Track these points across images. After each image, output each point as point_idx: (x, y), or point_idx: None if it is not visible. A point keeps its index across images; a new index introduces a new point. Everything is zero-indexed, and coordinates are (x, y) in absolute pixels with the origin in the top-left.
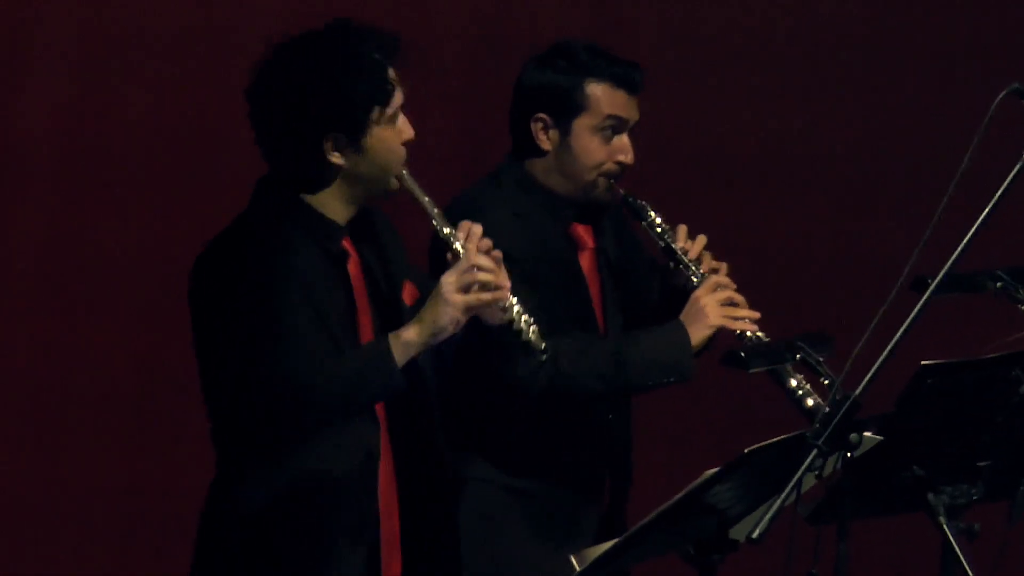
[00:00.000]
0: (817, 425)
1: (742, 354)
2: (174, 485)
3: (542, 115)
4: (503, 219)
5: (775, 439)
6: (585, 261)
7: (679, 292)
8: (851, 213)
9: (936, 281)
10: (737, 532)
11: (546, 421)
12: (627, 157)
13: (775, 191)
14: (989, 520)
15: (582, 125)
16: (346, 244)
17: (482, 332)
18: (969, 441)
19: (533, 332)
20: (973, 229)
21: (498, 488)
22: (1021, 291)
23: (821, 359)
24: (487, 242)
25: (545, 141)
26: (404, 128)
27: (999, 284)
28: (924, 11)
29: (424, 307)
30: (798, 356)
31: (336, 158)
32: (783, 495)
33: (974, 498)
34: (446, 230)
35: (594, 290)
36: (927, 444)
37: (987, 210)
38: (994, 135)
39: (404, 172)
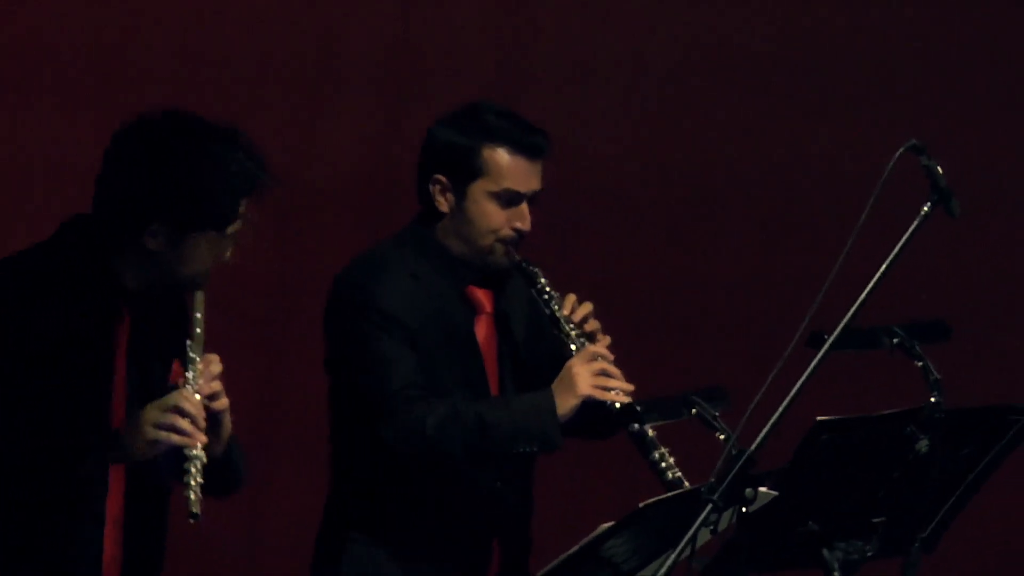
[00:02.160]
0: (712, 480)
1: (637, 408)
2: None
3: (440, 176)
4: (399, 281)
5: (670, 493)
6: (481, 326)
7: None
8: (749, 268)
9: (833, 337)
10: None
11: (426, 486)
12: (524, 224)
13: (680, 241)
14: None
15: (479, 190)
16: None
17: (352, 397)
18: (864, 497)
19: (195, 494)
20: (871, 284)
21: (382, 553)
22: (918, 347)
23: (717, 414)
24: (216, 384)
25: (443, 203)
26: (227, 252)
27: (896, 340)
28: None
29: (124, 429)
30: (694, 411)
31: (151, 242)
32: (678, 549)
33: (868, 554)
34: (191, 357)
35: (489, 355)
36: (822, 500)
37: (885, 265)
38: (894, 190)
39: (200, 293)
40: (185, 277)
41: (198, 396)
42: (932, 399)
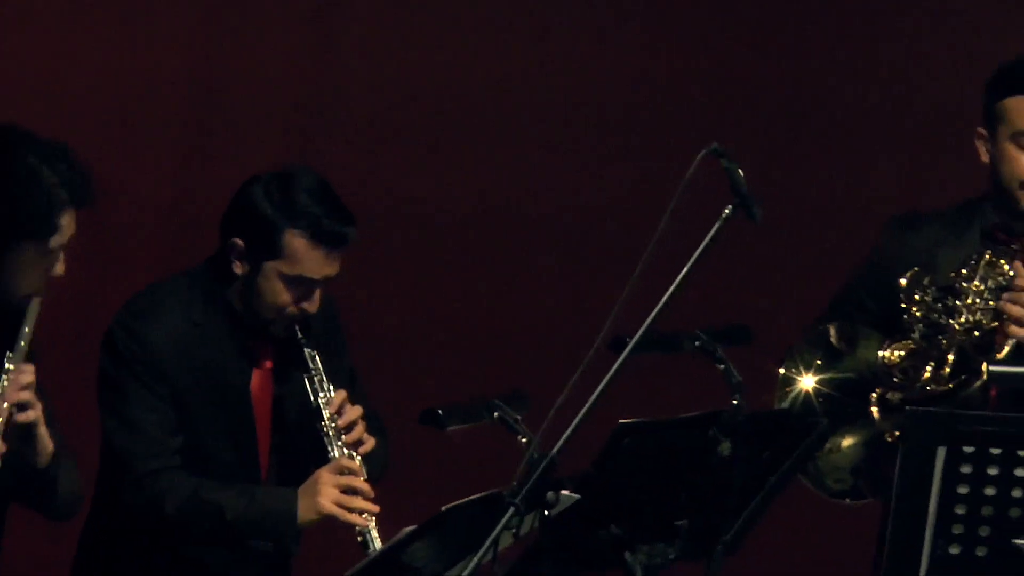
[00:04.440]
0: (514, 484)
1: (439, 412)
2: None
3: (239, 241)
4: (176, 325)
5: (472, 497)
6: (257, 379)
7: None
8: (551, 271)
9: (634, 341)
10: None
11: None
12: (311, 307)
13: (478, 249)
14: None
15: (273, 268)
16: None
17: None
18: (667, 500)
19: None
20: (672, 288)
21: None
22: (719, 350)
23: (519, 417)
24: (25, 394)
25: (237, 266)
26: (55, 265)
27: (697, 343)
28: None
29: None
30: (495, 415)
31: None
32: (480, 553)
33: (671, 557)
34: (7, 367)
35: (261, 410)
36: (624, 503)
37: (686, 269)
38: (697, 195)
39: (34, 304)
40: (13, 289)
41: (4, 404)
42: (734, 402)
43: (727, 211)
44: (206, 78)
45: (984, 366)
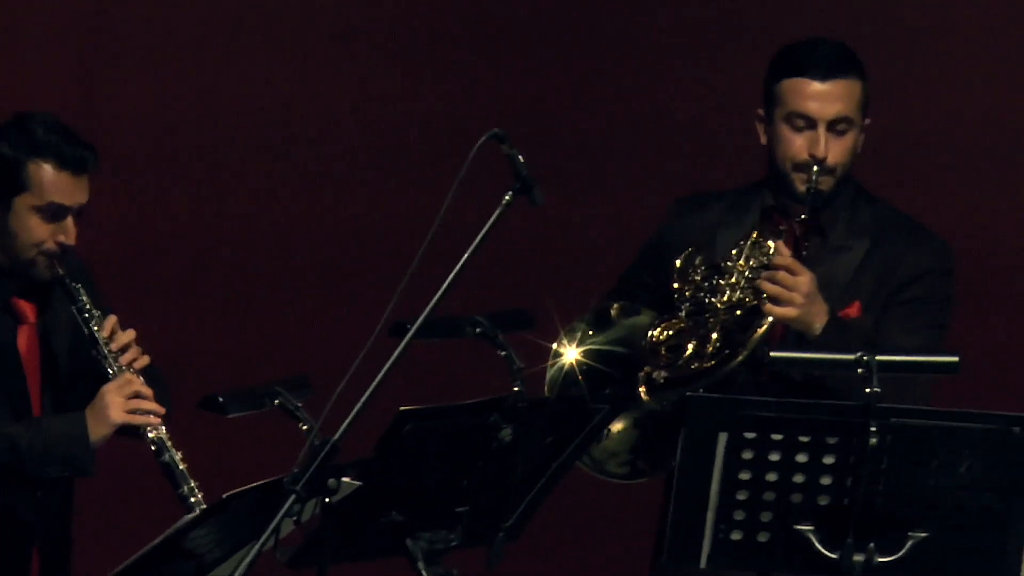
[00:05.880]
0: (295, 470)
1: (220, 399)
2: None
3: None
4: None
5: (254, 484)
6: (24, 337)
7: None
8: (332, 259)
9: (415, 326)
10: None
11: None
12: (68, 238)
13: (259, 237)
14: (466, 565)
15: (23, 204)
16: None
17: None
18: (448, 486)
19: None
20: (452, 273)
21: None
22: (500, 336)
23: (300, 404)
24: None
25: None
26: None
27: (478, 329)
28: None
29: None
30: (276, 401)
31: None
32: (261, 540)
33: (453, 543)
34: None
35: (31, 368)
36: (406, 489)
37: (467, 254)
38: (480, 181)
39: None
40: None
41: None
42: (515, 388)
43: (508, 196)
44: None
45: (754, 349)
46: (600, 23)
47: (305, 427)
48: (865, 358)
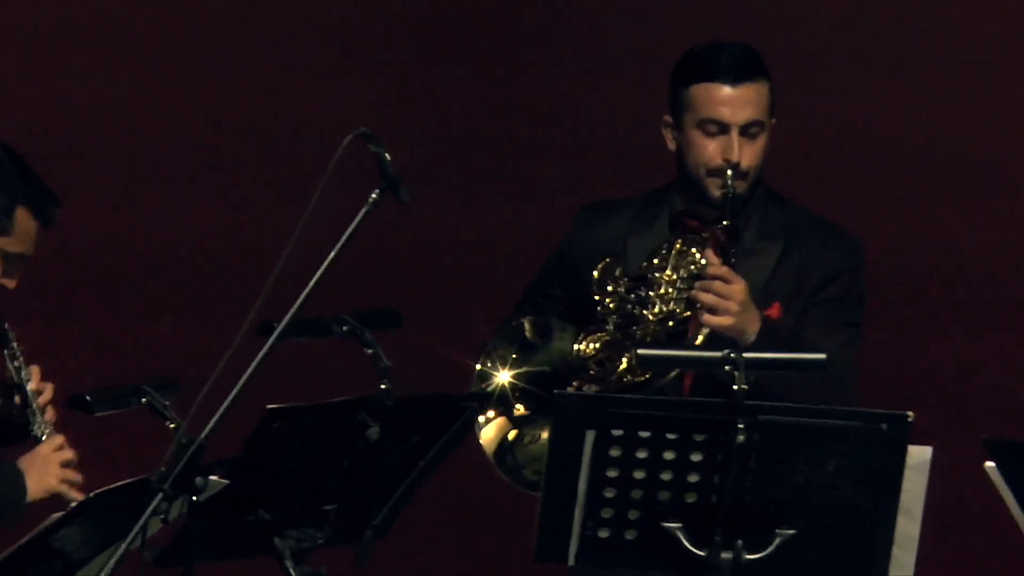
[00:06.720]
0: (162, 469)
1: (87, 398)
2: None
3: None
4: None
5: (121, 482)
6: None
7: None
8: (199, 251)
9: (282, 325)
10: None
11: None
12: (11, 284)
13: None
14: (335, 564)
15: None
16: None
17: None
18: (316, 485)
19: None
20: (319, 272)
21: None
22: (368, 334)
23: (167, 403)
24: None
25: None
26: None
27: (345, 328)
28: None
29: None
30: (144, 400)
31: None
32: (128, 539)
33: (320, 542)
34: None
35: None
36: (274, 488)
37: (334, 253)
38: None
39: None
40: None
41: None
42: (383, 386)
43: (374, 195)
44: None
45: (634, 351)
46: (495, 23)
47: (172, 425)
48: (732, 355)
